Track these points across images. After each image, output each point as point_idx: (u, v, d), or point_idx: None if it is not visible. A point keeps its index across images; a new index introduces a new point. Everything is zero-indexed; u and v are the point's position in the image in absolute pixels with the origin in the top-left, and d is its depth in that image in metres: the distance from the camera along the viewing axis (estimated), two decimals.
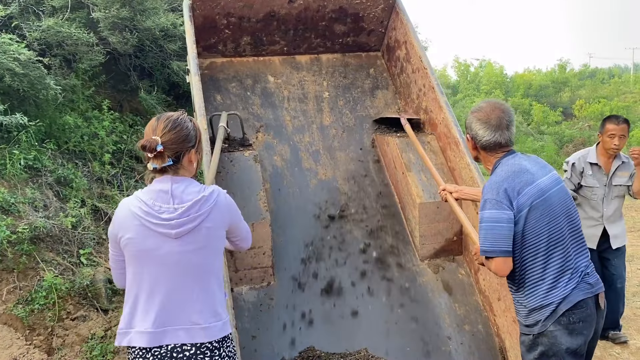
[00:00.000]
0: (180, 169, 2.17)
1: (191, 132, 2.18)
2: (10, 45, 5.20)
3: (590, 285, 2.44)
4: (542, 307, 2.40)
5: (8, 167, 5.19)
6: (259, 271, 3.55)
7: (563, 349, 2.37)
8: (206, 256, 2.16)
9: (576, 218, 2.53)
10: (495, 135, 2.52)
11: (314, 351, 3.32)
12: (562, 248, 2.43)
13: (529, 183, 2.43)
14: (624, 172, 4.47)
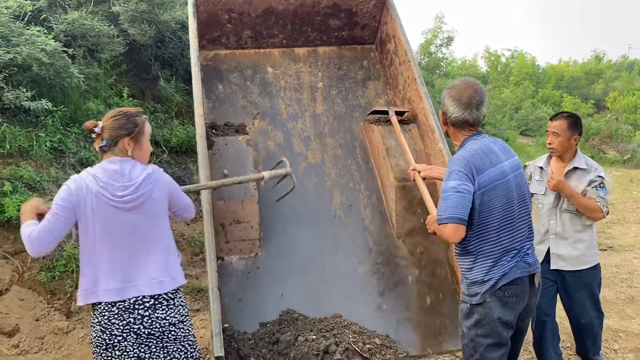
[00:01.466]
0: (116, 151, 2.64)
1: (129, 124, 2.65)
2: (38, 37, 5.70)
3: (529, 264, 2.69)
4: (483, 282, 2.65)
5: (35, 148, 5.71)
6: (247, 243, 3.96)
7: (495, 318, 2.63)
8: (155, 223, 2.65)
9: (528, 204, 2.78)
10: (465, 113, 2.69)
11: (292, 314, 3.72)
12: (511, 229, 2.65)
13: (492, 164, 2.63)
14: (577, 181, 3.68)
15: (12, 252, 5.04)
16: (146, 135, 2.78)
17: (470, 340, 2.73)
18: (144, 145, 2.76)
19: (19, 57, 5.40)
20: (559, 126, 3.69)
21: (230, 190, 3.92)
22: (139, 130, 2.70)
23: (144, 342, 2.60)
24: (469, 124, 2.73)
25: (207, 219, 3.46)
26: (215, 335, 3.03)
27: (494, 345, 2.67)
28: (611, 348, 4.49)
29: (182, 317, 2.75)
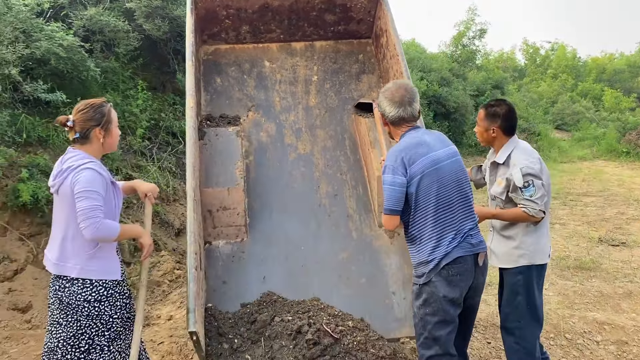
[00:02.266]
0: (87, 143, 2.91)
1: (96, 115, 2.90)
2: (56, 33, 6.05)
3: (472, 245, 2.86)
4: (428, 262, 2.85)
5: (53, 138, 6.08)
6: (234, 228, 4.18)
7: (441, 296, 2.81)
8: (65, 213, 2.84)
9: (466, 187, 2.95)
10: (399, 110, 2.97)
11: (272, 296, 3.92)
12: (449, 212, 2.84)
13: (423, 154, 2.86)
14: (500, 177, 3.43)
15: (28, 235, 5.41)
16: (114, 123, 3.02)
17: (420, 319, 2.91)
18: (113, 132, 3.01)
19: (38, 52, 5.75)
20: (479, 115, 3.56)
21: (217, 178, 4.14)
22: (106, 120, 2.94)
23: (63, 310, 2.91)
24: (405, 120, 3.00)
25: (190, 204, 3.68)
26: (190, 312, 3.25)
27: (441, 323, 2.84)
28: (594, 340, 4.53)
29: (98, 297, 2.91)
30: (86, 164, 2.83)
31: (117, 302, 3.01)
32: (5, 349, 4.43)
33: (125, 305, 3.07)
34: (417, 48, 22.93)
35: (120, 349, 3.07)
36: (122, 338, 3.08)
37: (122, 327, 3.06)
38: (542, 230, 3.46)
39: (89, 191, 2.73)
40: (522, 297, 3.42)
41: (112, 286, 2.98)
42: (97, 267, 2.90)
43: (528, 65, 38.79)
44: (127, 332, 3.11)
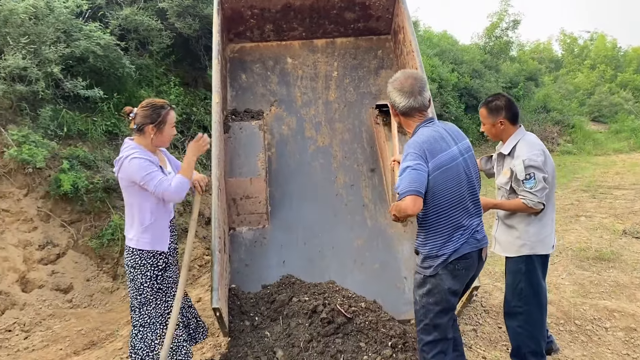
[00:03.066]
0: (141, 135, 3.27)
1: (153, 114, 3.24)
2: (94, 32, 6.44)
3: (477, 240, 2.94)
4: (437, 257, 2.89)
5: (91, 131, 6.48)
6: (256, 216, 4.48)
7: (445, 288, 2.91)
8: (126, 195, 3.26)
9: (476, 183, 3.00)
10: (410, 100, 2.86)
11: (291, 278, 4.20)
12: (461, 208, 2.88)
13: (443, 150, 2.85)
14: (506, 167, 3.55)
15: (69, 222, 5.83)
16: (168, 124, 3.31)
17: (422, 307, 3.02)
18: (165, 132, 3.31)
19: (77, 51, 6.14)
20: (482, 114, 3.63)
21: (241, 168, 4.44)
22: (161, 120, 3.26)
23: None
24: (416, 109, 2.91)
25: (215, 193, 3.98)
26: (214, 290, 3.56)
27: (443, 311, 2.97)
28: (602, 326, 4.66)
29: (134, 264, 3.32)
30: (132, 154, 3.18)
31: (148, 272, 3.32)
32: (49, 325, 4.84)
33: (156, 277, 3.37)
34: (449, 40, 22.82)
35: (150, 315, 3.39)
36: (152, 306, 3.37)
37: (152, 296, 3.37)
38: (545, 221, 3.53)
39: (148, 173, 3.11)
40: (523, 284, 3.53)
41: (146, 257, 3.31)
42: (135, 238, 3.28)
43: (565, 56, 37.94)
44: (159, 301, 3.41)
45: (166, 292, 3.45)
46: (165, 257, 3.41)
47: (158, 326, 3.40)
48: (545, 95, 21.37)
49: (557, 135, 19.23)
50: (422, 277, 2.99)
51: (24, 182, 5.70)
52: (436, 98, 15.86)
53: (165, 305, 3.44)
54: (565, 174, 13.66)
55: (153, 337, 3.39)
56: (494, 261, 6.06)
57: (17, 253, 5.33)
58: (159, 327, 3.41)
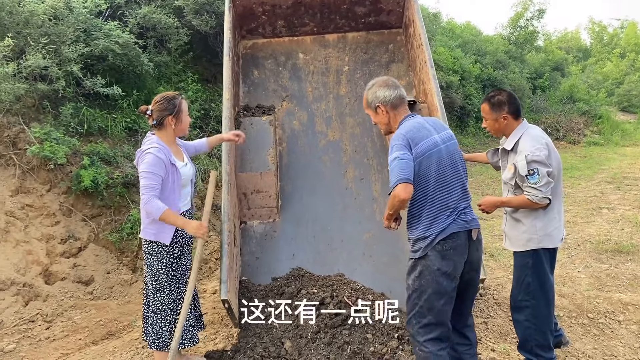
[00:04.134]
0: (162, 129, 3.42)
1: (169, 105, 3.38)
2: (113, 31, 6.58)
3: (466, 222, 3.01)
4: (425, 238, 3.00)
5: (111, 128, 6.65)
6: (266, 210, 4.56)
7: (435, 269, 2.97)
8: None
9: (461, 169, 3.12)
10: (397, 90, 3.13)
11: (300, 270, 4.29)
12: (446, 191, 3.01)
13: (425, 137, 3.01)
14: (510, 163, 3.55)
15: (90, 216, 6.00)
16: (184, 112, 3.48)
17: (414, 290, 3.07)
18: (183, 120, 3.48)
19: (97, 49, 6.30)
20: (483, 110, 3.62)
21: (251, 163, 4.53)
22: (177, 109, 3.42)
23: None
24: (403, 100, 3.15)
25: (225, 187, 4.07)
26: (222, 283, 3.66)
27: (436, 294, 3.00)
28: (616, 319, 4.61)
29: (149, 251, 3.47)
30: (149, 149, 3.32)
31: (164, 260, 3.46)
32: (71, 315, 5.02)
33: (172, 264, 3.49)
34: (473, 31, 22.55)
35: (163, 301, 3.52)
36: (165, 292, 3.50)
37: (166, 282, 3.49)
38: (552, 215, 3.49)
39: (147, 172, 3.25)
40: (530, 278, 3.53)
41: (162, 245, 3.46)
42: (152, 230, 3.43)
43: (594, 45, 37.12)
44: (172, 288, 3.53)
45: (180, 279, 3.58)
46: (180, 246, 3.54)
47: (169, 313, 3.53)
48: (571, 86, 20.97)
49: (583, 126, 18.88)
50: (413, 260, 3.08)
51: (47, 178, 5.89)
52: (458, 90, 15.73)
53: (177, 292, 3.56)
54: (591, 166, 13.44)
55: (162, 324, 3.53)
56: (509, 254, 6.04)
57: (41, 246, 5.52)
58: (169, 314, 3.53)
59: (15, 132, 5.83)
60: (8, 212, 5.44)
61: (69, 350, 4.36)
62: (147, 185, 3.25)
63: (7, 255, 5.18)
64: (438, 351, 3.01)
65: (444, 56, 16.09)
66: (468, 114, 16.11)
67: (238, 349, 3.78)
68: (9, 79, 5.39)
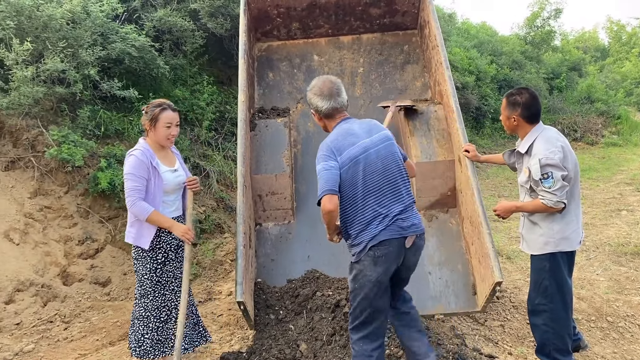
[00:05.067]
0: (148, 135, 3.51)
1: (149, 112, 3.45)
2: (129, 35, 6.65)
3: (401, 228, 2.97)
4: (358, 244, 3.00)
5: (128, 130, 6.71)
6: (281, 212, 4.57)
7: (368, 274, 2.97)
8: None
9: (394, 171, 3.04)
10: (331, 102, 3.07)
11: (315, 273, 4.27)
12: (377, 197, 2.97)
13: (352, 144, 2.99)
14: (525, 165, 3.51)
15: (107, 218, 6.06)
16: (160, 122, 3.44)
17: (351, 292, 3.12)
18: (158, 129, 3.45)
19: (113, 53, 6.37)
20: (502, 104, 3.62)
21: (266, 165, 4.54)
22: (152, 117, 3.44)
23: None
24: (338, 110, 3.11)
25: (240, 189, 4.08)
26: (238, 284, 3.66)
27: (368, 296, 3.00)
28: (636, 323, 4.55)
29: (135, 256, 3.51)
30: (133, 151, 3.38)
31: (148, 265, 3.46)
32: (88, 316, 5.07)
33: (155, 269, 3.48)
34: (488, 31, 22.40)
35: (147, 307, 3.52)
36: (149, 298, 3.50)
37: (151, 288, 3.49)
38: (569, 218, 3.46)
39: (131, 174, 3.32)
40: (548, 281, 3.50)
41: (145, 250, 3.45)
42: (132, 234, 3.46)
43: (612, 45, 36.64)
44: (157, 294, 3.51)
45: (164, 286, 3.55)
46: (164, 252, 3.52)
47: (152, 320, 3.53)
48: (589, 86, 20.71)
49: (601, 126, 18.63)
50: (350, 264, 3.12)
51: (65, 180, 5.96)
52: (474, 90, 15.63)
53: (162, 299, 3.55)
54: (609, 167, 13.26)
55: (145, 331, 3.53)
56: (525, 256, 5.98)
57: (59, 248, 5.59)
58: (152, 321, 3.53)
59: (34, 134, 5.90)
60: (27, 213, 5.52)
61: (87, 350, 4.40)
62: (131, 188, 3.31)
63: (26, 257, 5.25)
64: (370, 351, 3.06)
65: (460, 57, 16.00)
66: (484, 114, 15.99)
67: (253, 350, 3.78)
68: (28, 83, 5.46)
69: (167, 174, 3.48)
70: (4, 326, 4.67)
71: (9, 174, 5.72)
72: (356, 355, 3.09)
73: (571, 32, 34.28)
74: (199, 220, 6.64)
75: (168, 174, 3.50)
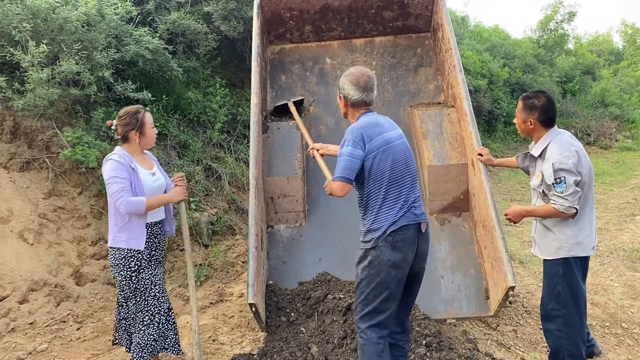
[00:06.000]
0: (127, 142, 3.46)
1: (132, 120, 3.41)
2: (143, 37, 6.69)
3: (416, 215, 3.08)
4: (377, 229, 3.04)
5: None
6: (293, 214, 4.57)
7: (385, 260, 3.01)
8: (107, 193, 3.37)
9: (412, 165, 3.17)
10: (362, 95, 3.13)
11: (327, 275, 4.28)
12: (399, 185, 3.07)
13: (380, 133, 3.08)
14: (538, 170, 3.48)
15: None
16: (148, 125, 3.48)
17: (363, 279, 3.11)
18: (147, 133, 3.50)
19: (127, 55, 6.41)
20: (517, 106, 3.60)
21: (278, 168, 4.55)
22: (140, 123, 3.45)
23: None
24: (365, 104, 3.17)
25: (252, 191, 4.10)
26: (249, 286, 3.68)
27: (383, 283, 3.03)
28: None
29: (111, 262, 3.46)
30: (110, 156, 3.38)
31: (122, 272, 3.39)
32: (100, 317, 5.10)
33: (131, 277, 3.41)
34: (501, 34, 22.30)
35: (131, 310, 3.49)
36: (132, 302, 3.46)
37: (131, 293, 3.44)
38: (583, 223, 3.42)
39: (113, 177, 3.28)
40: (561, 287, 3.46)
41: (120, 256, 3.40)
42: (112, 236, 3.44)
43: (626, 48, 36.31)
44: (138, 299, 3.46)
45: (144, 292, 3.48)
46: (137, 260, 3.44)
47: (138, 321, 3.51)
48: (603, 90, 20.55)
49: (615, 130, 18.47)
50: (364, 250, 3.13)
51: (78, 181, 6.01)
52: (486, 94, 15.56)
53: (145, 304, 3.49)
54: (624, 171, 13.14)
55: (133, 330, 3.54)
56: (538, 261, 5.93)
57: (72, 248, 5.63)
58: (138, 322, 3.51)
59: (49, 136, 5.96)
60: (41, 214, 5.57)
61: (99, 350, 4.42)
62: (118, 190, 3.26)
63: (40, 257, 5.29)
64: (378, 339, 3.07)
65: (472, 60, 15.95)
66: (496, 118, 15.92)
67: (265, 352, 3.79)
68: (43, 85, 5.51)
69: (146, 176, 3.47)
70: (17, 325, 4.71)
71: (24, 174, 5.77)
72: (364, 344, 3.10)
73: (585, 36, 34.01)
74: (211, 222, 6.66)
75: (147, 176, 3.49)
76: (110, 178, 3.28)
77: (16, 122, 5.94)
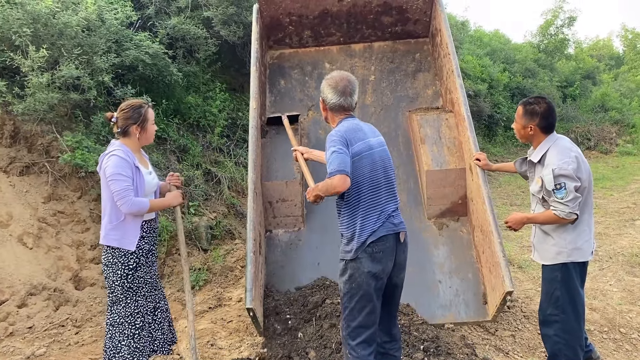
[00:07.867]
0: (127, 137, 3.39)
1: (134, 114, 3.34)
2: (143, 42, 6.71)
3: (394, 225, 3.06)
4: (357, 238, 3.01)
5: None
6: (292, 219, 4.58)
7: (366, 271, 2.99)
8: (103, 191, 3.31)
9: (391, 173, 3.16)
10: (340, 99, 3.12)
11: (324, 280, 4.28)
12: (377, 193, 3.05)
13: (361, 139, 3.06)
14: (538, 175, 3.47)
15: None
16: (150, 121, 3.43)
17: (345, 294, 3.09)
18: (148, 129, 3.43)
19: (127, 60, 6.44)
20: (517, 112, 3.58)
21: (277, 172, 4.56)
22: (143, 118, 3.37)
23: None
24: (344, 108, 3.16)
25: (251, 196, 4.10)
26: (247, 291, 3.67)
27: (366, 296, 3.01)
28: None
29: (106, 262, 3.35)
30: (113, 151, 3.28)
31: (118, 271, 3.31)
32: (99, 321, 5.10)
33: (127, 275, 3.34)
34: (501, 39, 22.36)
35: (120, 314, 3.38)
36: (122, 305, 3.37)
37: (122, 295, 3.35)
38: (582, 228, 3.42)
39: (118, 174, 3.18)
40: (560, 292, 3.46)
41: (117, 255, 3.32)
42: (104, 234, 3.35)
43: (627, 53, 36.34)
44: (129, 301, 3.38)
45: (136, 292, 3.42)
46: (136, 257, 3.38)
47: (126, 326, 3.41)
48: (603, 94, 20.58)
49: (615, 135, 18.48)
50: (344, 263, 3.11)
51: (78, 185, 6.02)
52: (486, 98, 15.59)
53: (135, 305, 3.42)
54: (624, 176, 13.14)
55: (120, 338, 3.40)
56: (536, 266, 5.93)
57: (71, 252, 5.64)
58: (127, 327, 3.41)
59: (48, 140, 5.98)
60: (40, 218, 5.58)
61: (97, 355, 4.42)
62: (123, 188, 3.18)
63: (39, 261, 5.30)
64: (368, 355, 3.05)
65: (472, 64, 15.98)
66: (496, 122, 15.94)
67: (262, 357, 3.79)
68: (43, 89, 5.53)
69: (146, 175, 3.43)
70: (16, 329, 4.72)
71: (23, 179, 5.79)
72: None
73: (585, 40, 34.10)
74: (210, 226, 6.67)
75: (147, 175, 3.45)
76: (114, 174, 3.17)
77: (16, 127, 5.95)
